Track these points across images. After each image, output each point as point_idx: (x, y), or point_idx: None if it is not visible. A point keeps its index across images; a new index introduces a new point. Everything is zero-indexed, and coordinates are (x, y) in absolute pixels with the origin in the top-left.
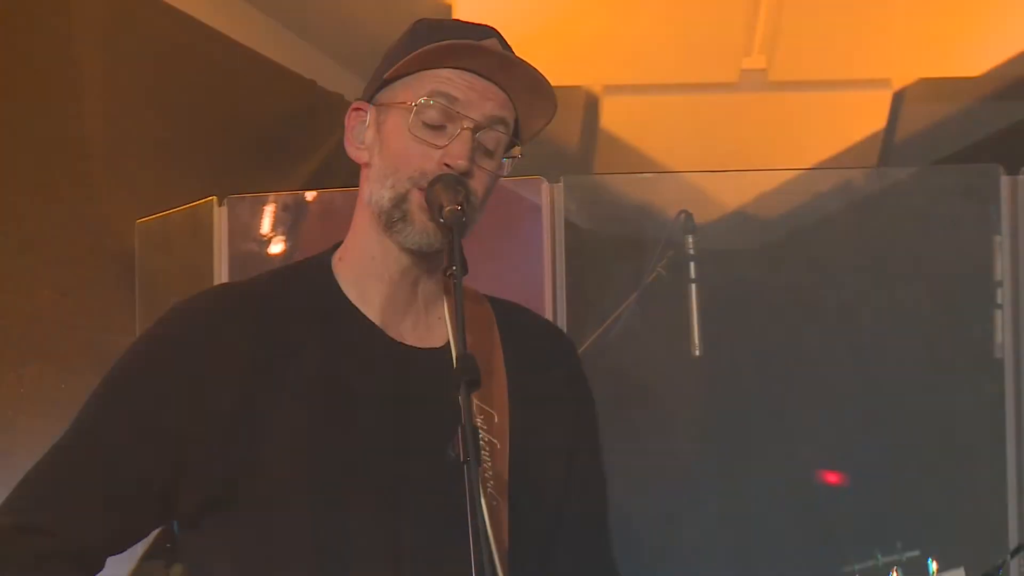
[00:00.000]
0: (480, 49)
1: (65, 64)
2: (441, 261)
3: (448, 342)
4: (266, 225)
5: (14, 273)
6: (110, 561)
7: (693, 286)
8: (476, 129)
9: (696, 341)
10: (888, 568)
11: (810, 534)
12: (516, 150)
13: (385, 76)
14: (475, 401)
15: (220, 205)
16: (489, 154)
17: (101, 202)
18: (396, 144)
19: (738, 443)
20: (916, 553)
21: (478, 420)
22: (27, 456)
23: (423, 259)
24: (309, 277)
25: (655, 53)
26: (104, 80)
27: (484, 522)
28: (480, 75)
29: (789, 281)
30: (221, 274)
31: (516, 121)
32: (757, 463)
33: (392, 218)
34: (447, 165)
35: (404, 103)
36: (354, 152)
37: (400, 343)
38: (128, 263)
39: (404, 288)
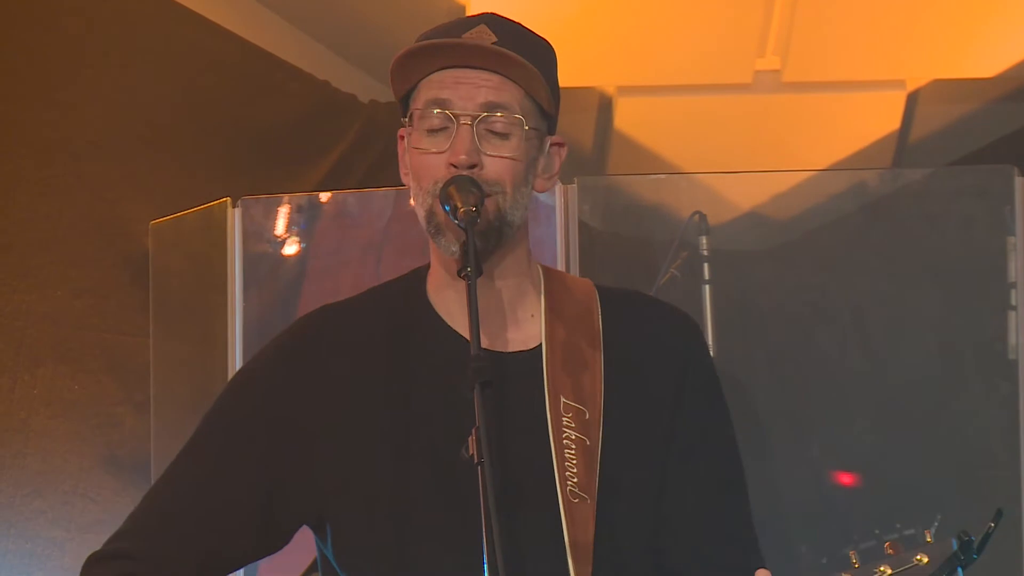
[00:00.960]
0: (449, 46)
1: (77, 65)
2: (501, 260)
3: (541, 343)
4: (280, 226)
5: (28, 273)
6: None
7: (707, 287)
8: (475, 120)
9: (709, 342)
10: (881, 545)
11: (822, 535)
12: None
13: (398, 99)
14: (562, 399)
15: (234, 206)
16: (503, 137)
17: (115, 203)
18: (414, 161)
19: (751, 444)
20: (912, 532)
21: (565, 418)
22: (40, 456)
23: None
24: (403, 293)
25: (669, 54)
26: (117, 81)
27: (495, 525)
28: (471, 67)
29: (803, 282)
30: (235, 275)
31: (528, 96)
32: (770, 464)
33: (430, 233)
34: (452, 164)
35: (407, 120)
36: (403, 178)
37: (486, 350)
38: (142, 264)
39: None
